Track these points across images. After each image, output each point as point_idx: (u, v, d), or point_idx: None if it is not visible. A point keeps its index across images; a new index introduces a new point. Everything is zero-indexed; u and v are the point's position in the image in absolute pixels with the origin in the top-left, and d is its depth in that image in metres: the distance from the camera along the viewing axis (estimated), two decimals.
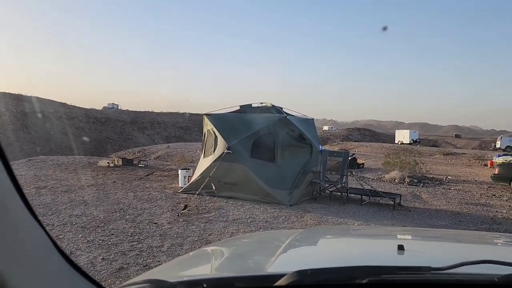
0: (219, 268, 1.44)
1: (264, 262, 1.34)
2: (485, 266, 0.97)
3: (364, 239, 2.09)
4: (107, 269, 4.76)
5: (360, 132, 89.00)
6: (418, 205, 10.18)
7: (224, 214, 7.90)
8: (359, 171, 16.50)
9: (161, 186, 10.76)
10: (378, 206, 9.63)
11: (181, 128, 70.92)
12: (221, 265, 1.51)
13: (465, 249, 1.72)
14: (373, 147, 38.62)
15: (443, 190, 12.73)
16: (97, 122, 61.00)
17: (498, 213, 9.55)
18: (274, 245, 1.67)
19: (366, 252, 1.67)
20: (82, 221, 6.78)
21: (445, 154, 30.89)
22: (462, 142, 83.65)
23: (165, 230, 6.51)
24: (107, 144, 53.29)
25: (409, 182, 14.00)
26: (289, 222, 7.62)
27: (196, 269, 1.47)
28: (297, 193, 9.47)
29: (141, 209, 7.95)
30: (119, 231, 6.33)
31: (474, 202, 10.96)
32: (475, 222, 8.44)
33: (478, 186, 14.28)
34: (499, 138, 47.28)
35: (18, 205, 0.84)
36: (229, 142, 9.34)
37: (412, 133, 58.32)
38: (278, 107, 10.39)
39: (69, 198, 8.62)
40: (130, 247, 5.61)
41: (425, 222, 8.24)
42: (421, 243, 1.90)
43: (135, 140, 58.27)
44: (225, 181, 9.29)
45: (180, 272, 1.40)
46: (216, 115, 10.32)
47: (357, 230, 2.94)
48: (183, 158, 23.20)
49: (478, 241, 1.96)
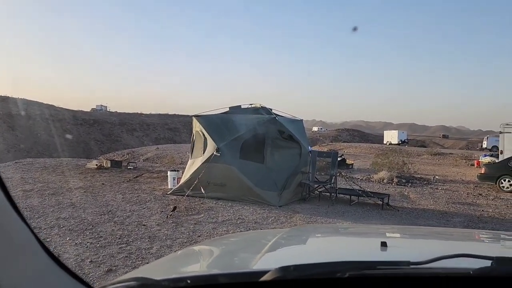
0: (205, 266, 1.46)
1: (249, 259, 1.36)
2: (462, 260, 1.01)
3: (349, 237, 2.12)
4: (95, 271, 4.73)
5: (349, 132, 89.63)
6: (406, 205, 10.29)
7: (214, 215, 7.89)
8: (348, 172, 16.61)
9: (150, 188, 10.71)
10: (366, 206, 9.71)
11: (170, 130, 70.64)
12: (208, 263, 1.52)
13: (444, 244, 1.77)
14: (362, 148, 38.94)
15: (430, 190, 12.89)
16: (85, 124, 60.44)
17: (484, 212, 9.70)
18: (260, 244, 1.69)
19: (350, 249, 1.70)
20: (70, 224, 6.71)
21: (432, 154, 31.29)
22: (449, 142, 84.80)
23: (154, 232, 6.48)
24: (95, 146, 52.80)
25: (397, 182, 14.14)
26: (278, 223, 7.65)
27: (182, 267, 1.47)
28: (286, 194, 9.51)
29: (130, 211, 7.91)
30: (107, 234, 6.28)
31: (461, 201, 11.12)
32: (462, 221, 8.56)
33: (465, 185, 14.49)
34: (485, 138, 48.00)
35: (5, 206, 0.84)
36: (219, 143, 9.33)
37: (400, 133, 58.95)
38: (267, 108, 10.42)
39: (57, 200, 8.53)
40: (119, 249, 5.58)
41: (413, 222, 8.33)
42: (403, 240, 1.94)
43: (124, 142, 57.85)
44: (215, 183, 9.29)
45: (167, 270, 1.41)
46: (206, 117, 10.30)
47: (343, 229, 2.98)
48: (173, 159, 23.11)
49: (458, 237, 2.01)
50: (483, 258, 0.99)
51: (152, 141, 57.89)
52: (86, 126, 60.16)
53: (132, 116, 72.28)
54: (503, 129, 16.90)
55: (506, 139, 16.72)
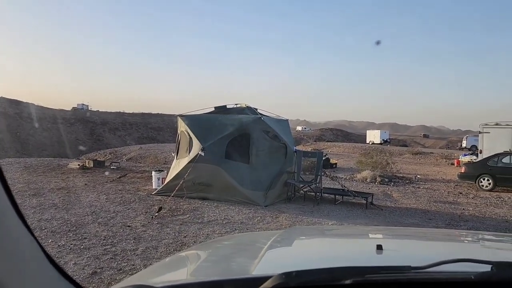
0: (203, 271, 1.44)
1: (248, 264, 1.35)
2: (461, 264, 1.02)
3: (344, 239, 2.14)
4: (80, 274, 4.64)
5: (333, 132, 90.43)
6: (389, 203, 10.44)
7: (199, 215, 7.85)
8: (332, 171, 16.76)
9: (134, 188, 10.59)
10: (351, 205, 9.81)
11: (153, 129, 69.98)
12: (205, 268, 1.51)
13: (439, 247, 1.79)
14: (345, 147, 39.33)
15: (412, 189, 13.11)
16: (66, 123, 59.34)
17: (465, 210, 9.92)
18: (255, 247, 1.69)
19: (347, 253, 1.71)
20: (52, 226, 6.58)
21: (414, 153, 31.80)
22: (430, 142, 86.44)
23: (139, 233, 6.41)
24: (77, 146, 51.89)
25: (380, 181, 14.33)
26: (264, 222, 7.66)
27: (179, 273, 1.46)
28: (272, 194, 9.53)
29: (114, 212, 7.80)
30: (91, 235, 6.18)
31: (442, 200, 11.34)
32: (444, 220, 8.73)
33: (446, 184, 14.79)
34: (464, 137, 49.01)
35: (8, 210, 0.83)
36: (204, 143, 9.29)
37: (382, 133, 59.72)
38: (253, 108, 10.42)
39: (38, 201, 8.36)
40: (104, 251, 5.49)
41: (396, 220, 8.46)
42: (398, 242, 1.96)
43: (106, 142, 57.05)
44: (200, 183, 9.24)
45: (163, 277, 1.39)
46: (191, 116, 10.24)
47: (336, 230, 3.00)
48: (156, 159, 22.90)
49: (450, 239, 2.04)
50: (484, 263, 1.01)
51: (135, 141, 57.23)
52: (67, 125, 59.09)
53: (114, 115, 71.32)
54: (482, 129, 17.31)
55: (485, 138, 17.13)
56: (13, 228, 0.82)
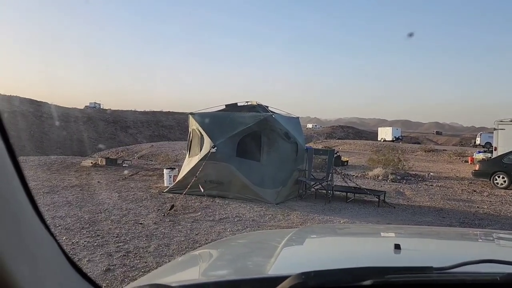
0: (219, 270, 1.43)
1: (263, 263, 1.34)
2: (485, 265, 0.99)
3: (360, 238, 2.10)
4: (93, 271, 4.69)
5: (344, 129, 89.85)
6: (402, 201, 10.33)
7: (211, 213, 7.87)
8: (343, 169, 16.65)
9: (146, 186, 10.66)
10: (363, 203, 9.74)
11: (164, 127, 70.33)
12: (221, 267, 1.50)
13: (460, 247, 1.75)
14: (357, 145, 39.03)
15: (425, 187, 12.96)
16: (78, 122, 59.96)
17: (479, 208, 9.77)
18: (270, 246, 1.67)
19: (364, 252, 1.68)
20: (66, 223, 6.67)
21: (426, 151, 31.39)
22: (443, 139, 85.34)
23: (151, 231, 6.45)
24: (89, 144, 52.45)
25: (392, 179, 14.19)
26: (276, 220, 7.64)
27: (195, 272, 1.45)
28: (283, 192, 9.51)
29: (127, 209, 7.86)
30: (104, 232, 6.24)
31: (456, 198, 11.18)
32: (458, 218, 8.61)
33: (460, 182, 14.58)
34: (478, 134, 48.31)
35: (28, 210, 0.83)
36: (215, 141, 9.30)
37: (394, 130, 59.19)
38: (263, 105, 10.40)
39: (52, 199, 8.47)
40: (116, 248, 5.54)
41: (409, 219, 8.37)
42: (415, 241, 1.92)
43: (118, 140, 57.53)
44: (211, 180, 9.26)
45: (179, 275, 1.38)
46: (202, 114, 10.26)
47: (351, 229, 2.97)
48: (168, 157, 22.97)
49: (470, 239, 2.00)
50: (508, 264, 0.98)
51: (146, 139, 57.60)
52: (79, 123, 59.68)
53: (126, 114, 71.84)
54: (497, 126, 17.02)
55: (500, 135, 16.84)
56: (33, 228, 0.82)
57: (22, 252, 0.74)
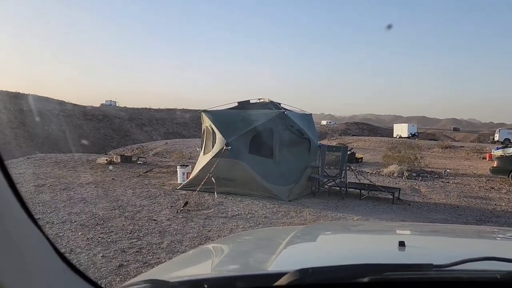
0: (220, 267, 1.43)
1: (265, 260, 1.33)
2: (486, 262, 0.97)
3: (365, 235, 2.08)
4: (107, 266, 4.76)
5: (358, 126, 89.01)
6: (417, 199, 10.20)
7: (223, 210, 7.90)
8: (357, 166, 16.52)
9: (159, 183, 10.75)
10: (377, 200, 9.65)
11: (179, 124, 70.82)
12: (222, 264, 1.50)
13: (465, 245, 1.72)
14: (372, 141, 38.68)
15: (442, 184, 12.76)
16: (94, 120, 60.82)
17: (497, 206, 9.58)
18: (275, 243, 1.67)
19: (367, 249, 1.66)
20: (81, 219, 6.77)
21: (443, 147, 30.91)
22: (460, 135, 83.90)
23: (164, 227, 6.50)
24: (105, 141, 53.18)
25: (407, 176, 14.02)
26: (288, 217, 7.63)
27: (196, 268, 1.45)
28: (296, 189, 9.48)
29: (140, 206, 7.95)
30: (118, 229, 6.32)
31: (473, 195, 10.99)
32: (474, 215, 8.46)
33: (477, 179, 14.32)
34: (497, 130, 47.35)
35: (14, 205, 0.83)
36: (228, 138, 9.32)
37: (410, 126, 58.35)
38: (276, 102, 10.37)
39: (68, 195, 8.61)
40: (130, 244, 5.61)
41: (424, 216, 8.26)
42: (421, 238, 1.89)
43: (133, 137, 58.15)
44: (224, 177, 9.28)
45: (181, 272, 1.39)
46: (214, 112, 10.29)
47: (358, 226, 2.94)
48: (182, 154, 23.16)
49: (478, 236, 1.95)
50: (510, 262, 0.95)
51: (161, 136, 58.14)
52: (95, 121, 60.54)
53: (141, 111, 72.58)
54: None
55: None
56: (20, 224, 0.82)
57: (7, 247, 0.74)
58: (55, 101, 60.76)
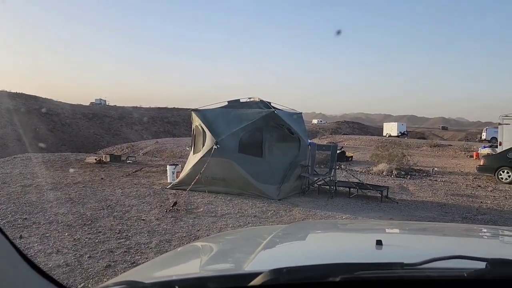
0: (196, 268, 1.44)
1: (243, 260, 1.34)
2: (456, 261, 0.99)
3: (345, 233, 2.10)
4: (94, 267, 4.73)
5: (349, 125, 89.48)
6: (405, 197, 10.30)
7: (213, 209, 7.89)
8: (347, 164, 16.62)
9: (149, 182, 10.70)
10: (366, 198, 9.72)
11: (169, 123, 70.49)
12: (201, 264, 1.50)
13: (441, 243, 1.74)
14: (362, 140, 38.91)
15: (429, 182, 12.90)
16: (84, 118, 60.26)
17: (483, 203, 9.71)
18: (256, 242, 1.68)
19: (344, 248, 1.68)
20: (68, 219, 6.71)
21: (432, 146, 31.20)
22: (448, 134, 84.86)
23: (153, 227, 6.48)
24: (95, 140, 52.71)
25: (396, 174, 14.14)
26: (278, 216, 7.65)
27: (174, 269, 1.46)
28: (285, 187, 9.51)
29: (129, 205, 7.91)
30: (106, 229, 6.28)
31: (460, 193, 11.13)
32: (461, 213, 8.57)
33: (464, 177, 14.49)
34: (484, 129, 47.98)
35: None
36: (217, 137, 9.31)
37: (400, 125, 58.86)
38: (266, 102, 10.38)
39: (55, 196, 8.53)
40: (118, 244, 5.58)
41: (411, 214, 8.34)
42: (399, 237, 1.92)
43: (123, 136, 57.68)
44: (214, 177, 9.28)
45: (158, 272, 1.39)
46: (204, 111, 10.26)
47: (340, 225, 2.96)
48: (172, 153, 23.07)
49: (455, 234, 1.98)
50: (478, 260, 0.97)
51: (151, 135, 57.78)
52: (85, 120, 59.97)
53: (131, 110, 72.08)
54: (502, 121, 16.89)
55: (505, 130, 16.71)
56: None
57: None
58: (43, 99, 60.06)
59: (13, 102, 51.65)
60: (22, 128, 46.47)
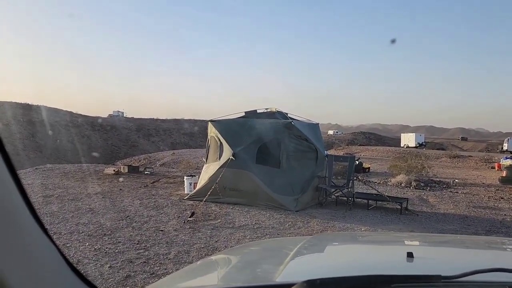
0: (226, 278, 1.43)
1: (272, 271, 1.33)
2: (496, 274, 0.96)
3: (373, 245, 2.06)
4: (115, 277, 4.76)
5: (365, 136, 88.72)
6: (425, 209, 10.10)
7: (230, 220, 7.88)
8: (365, 176, 16.44)
9: (167, 193, 10.77)
10: (385, 210, 9.57)
11: (186, 135, 71.14)
12: (229, 274, 1.50)
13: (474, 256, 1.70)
14: (379, 151, 38.49)
15: (450, 194, 12.64)
16: (102, 130, 61.36)
17: (507, 216, 9.46)
18: (282, 253, 1.66)
19: (375, 260, 1.65)
20: (89, 229, 6.79)
21: (451, 157, 30.69)
22: (468, 145, 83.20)
23: (171, 238, 6.50)
24: (113, 152, 53.52)
25: (415, 186, 13.91)
26: (296, 228, 7.59)
27: (203, 279, 1.46)
28: (303, 199, 9.44)
29: (148, 216, 7.96)
30: (125, 239, 6.33)
31: (482, 205, 10.86)
32: (484, 226, 8.36)
33: (486, 189, 14.16)
34: (506, 140, 46.91)
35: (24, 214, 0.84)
36: (234, 148, 9.33)
37: (418, 136, 58.12)
38: (283, 112, 10.39)
39: (76, 206, 8.65)
40: (137, 254, 5.61)
41: (432, 227, 8.17)
42: (430, 249, 1.88)
43: (140, 147, 58.49)
44: (231, 188, 9.28)
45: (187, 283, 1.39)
46: (221, 121, 10.33)
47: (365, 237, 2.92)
48: (189, 164, 23.26)
49: (487, 247, 1.94)
50: None
51: (168, 146, 58.36)
52: (103, 132, 61.07)
53: (148, 122, 73.09)
54: None
55: None
56: (29, 232, 0.84)
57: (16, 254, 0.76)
58: (63, 112, 61.41)
59: (35, 115, 52.98)
60: (43, 140, 47.54)
